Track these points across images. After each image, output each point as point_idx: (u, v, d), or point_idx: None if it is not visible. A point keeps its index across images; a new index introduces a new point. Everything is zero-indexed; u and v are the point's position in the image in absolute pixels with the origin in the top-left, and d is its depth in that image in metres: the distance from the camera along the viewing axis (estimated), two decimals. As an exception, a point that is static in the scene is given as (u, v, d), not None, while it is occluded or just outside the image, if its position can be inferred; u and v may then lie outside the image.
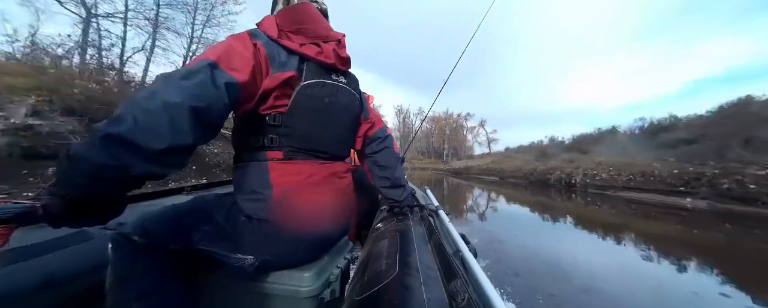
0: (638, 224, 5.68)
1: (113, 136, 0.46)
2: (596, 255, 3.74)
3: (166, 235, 0.68)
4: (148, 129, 0.48)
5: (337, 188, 0.87)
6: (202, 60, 0.59)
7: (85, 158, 0.45)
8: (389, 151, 1.09)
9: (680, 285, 2.82)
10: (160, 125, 0.49)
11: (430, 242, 0.86)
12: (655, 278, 2.97)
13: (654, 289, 2.68)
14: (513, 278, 2.79)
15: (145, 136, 0.48)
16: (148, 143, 0.48)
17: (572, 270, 3.02)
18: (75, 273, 0.79)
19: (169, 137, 0.50)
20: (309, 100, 0.78)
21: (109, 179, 0.48)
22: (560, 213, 6.66)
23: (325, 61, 0.83)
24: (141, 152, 0.48)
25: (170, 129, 0.50)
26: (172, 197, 1.53)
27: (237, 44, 0.67)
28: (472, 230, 4.62)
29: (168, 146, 0.50)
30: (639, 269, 3.24)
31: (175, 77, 0.55)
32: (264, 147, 0.75)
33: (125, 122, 0.47)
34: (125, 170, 0.47)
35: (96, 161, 0.45)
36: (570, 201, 8.91)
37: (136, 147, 0.47)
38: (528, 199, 9.50)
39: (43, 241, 0.80)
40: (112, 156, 0.46)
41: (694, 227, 5.43)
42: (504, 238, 4.23)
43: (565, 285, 2.65)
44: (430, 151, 55.03)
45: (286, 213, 0.74)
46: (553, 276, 2.86)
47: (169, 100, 0.51)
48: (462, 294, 0.53)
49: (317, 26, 0.85)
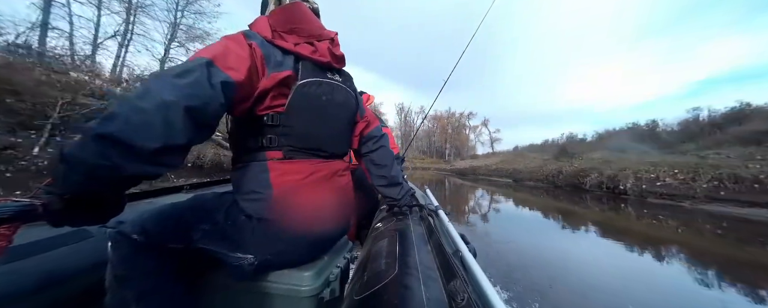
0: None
1: (105, 136, 0.45)
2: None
3: (165, 233, 0.68)
4: (141, 128, 0.47)
5: (337, 187, 0.87)
6: (197, 58, 0.58)
7: (79, 158, 0.45)
8: (385, 150, 1.10)
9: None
10: (154, 125, 0.48)
11: (430, 242, 0.86)
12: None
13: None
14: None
15: (138, 135, 0.46)
16: (141, 143, 0.46)
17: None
18: (75, 271, 0.79)
19: (162, 136, 0.49)
20: (306, 99, 0.78)
21: (103, 178, 0.47)
22: (643, 240, 4.24)
23: (320, 59, 0.83)
24: (134, 152, 0.46)
25: (164, 128, 0.49)
26: (171, 195, 1.53)
27: (232, 44, 0.67)
28: (508, 268, 2.92)
29: (162, 146, 0.48)
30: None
31: (168, 74, 0.53)
32: (263, 147, 0.75)
33: (117, 121, 0.46)
34: (118, 170, 0.46)
35: (89, 161, 0.45)
36: (640, 220, 5.90)
37: (128, 147, 0.46)
38: (571, 212, 6.72)
39: (42, 239, 0.80)
40: (104, 156, 0.45)
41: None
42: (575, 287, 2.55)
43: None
44: (432, 150, 54.32)
45: (286, 213, 0.74)
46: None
47: (163, 98, 0.49)
48: (461, 293, 0.54)
49: (310, 25, 0.85)
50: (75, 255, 0.82)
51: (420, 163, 42.82)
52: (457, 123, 54.38)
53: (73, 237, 0.87)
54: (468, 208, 7.32)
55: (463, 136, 54.25)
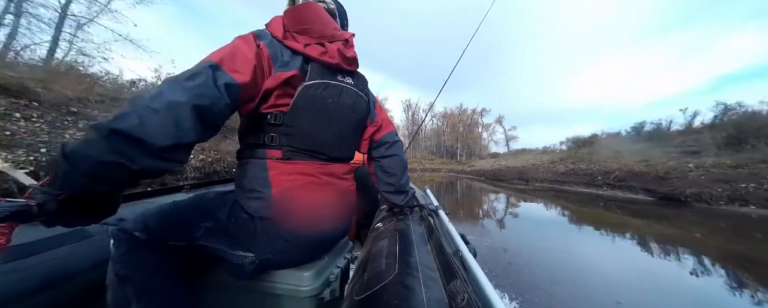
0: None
1: (120, 132, 0.48)
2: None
3: (167, 231, 0.68)
4: (153, 127, 0.50)
5: (337, 189, 0.86)
6: (204, 62, 0.62)
7: (87, 155, 0.46)
8: (397, 159, 1.07)
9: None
10: (166, 123, 0.52)
11: (430, 242, 0.86)
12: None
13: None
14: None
15: (151, 133, 0.50)
16: (153, 140, 0.50)
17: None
18: (76, 270, 0.79)
19: (173, 134, 0.52)
20: (311, 100, 0.78)
21: (109, 175, 0.49)
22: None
23: (328, 61, 0.82)
24: (146, 148, 0.50)
25: (175, 127, 0.53)
26: (173, 195, 1.53)
27: (241, 45, 0.69)
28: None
29: (173, 143, 0.53)
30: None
31: (180, 79, 0.58)
32: (264, 145, 0.76)
33: (131, 119, 0.49)
34: (127, 165, 0.49)
35: (97, 157, 0.46)
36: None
37: (142, 143, 0.49)
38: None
39: (44, 238, 0.80)
40: (117, 152, 0.47)
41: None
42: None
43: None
44: (442, 150, 49.71)
45: (285, 212, 0.74)
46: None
47: (174, 99, 0.53)
48: (461, 294, 0.53)
49: (322, 26, 0.85)
50: (76, 254, 0.83)
51: (429, 164, 39.12)
52: (468, 120, 50.45)
53: (75, 236, 0.87)
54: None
55: (475, 134, 50.53)
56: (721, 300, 2.51)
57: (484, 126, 51.92)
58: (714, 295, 2.65)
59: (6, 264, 0.68)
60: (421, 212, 1.19)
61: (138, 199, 1.33)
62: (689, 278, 2.95)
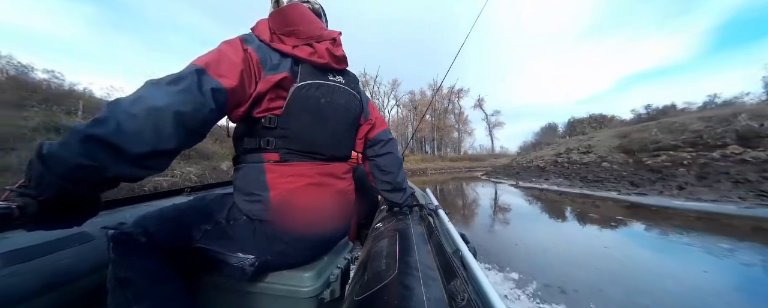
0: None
1: (96, 137, 0.46)
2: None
3: (167, 234, 0.68)
4: (131, 133, 0.48)
5: (336, 190, 0.86)
6: (190, 66, 0.60)
7: (61, 158, 0.46)
8: (392, 156, 1.08)
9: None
10: (144, 129, 0.49)
11: (430, 241, 0.86)
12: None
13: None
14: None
15: (128, 139, 0.48)
16: (130, 147, 0.48)
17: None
18: (77, 274, 0.79)
19: (152, 141, 0.50)
20: (303, 101, 0.78)
21: (84, 179, 0.48)
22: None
23: (318, 61, 0.82)
24: (121, 155, 0.48)
25: (154, 133, 0.50)
26: (173, 198, 1.53)
27: (228, 50, 0.68)
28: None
29: (150, 150, 0.50)
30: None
31: (162, 82, 0.56)
32: (260, 149, 0.76)
33: (108, 124, 0.47)
34: (102, 171, 0.47)
35: (73, 160, 0.45)
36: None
37: (117, 149, 0.47)
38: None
39: (44, 242, 0.80)
40: (90, 156, 0.46)
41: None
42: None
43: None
44: (412, 144, 35.53)
45: (285, 214, 0.74)
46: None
47: (154, 104, 0.51)
48: (461, 293, 0.53)
49: (309, 26, 0.85)
50: (76, 257, 0.82)
51: (410, 165, 29.15)
52: (440, 106, 40.64)
53: (74, 239, 0.87)
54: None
55: (449, 124, 41.60)
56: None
57: (457, 115, 42.23)
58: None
59: (6, 268, 0.68)
60: (420, 212, 1.19)
61: (138, 202, 1.33)
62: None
